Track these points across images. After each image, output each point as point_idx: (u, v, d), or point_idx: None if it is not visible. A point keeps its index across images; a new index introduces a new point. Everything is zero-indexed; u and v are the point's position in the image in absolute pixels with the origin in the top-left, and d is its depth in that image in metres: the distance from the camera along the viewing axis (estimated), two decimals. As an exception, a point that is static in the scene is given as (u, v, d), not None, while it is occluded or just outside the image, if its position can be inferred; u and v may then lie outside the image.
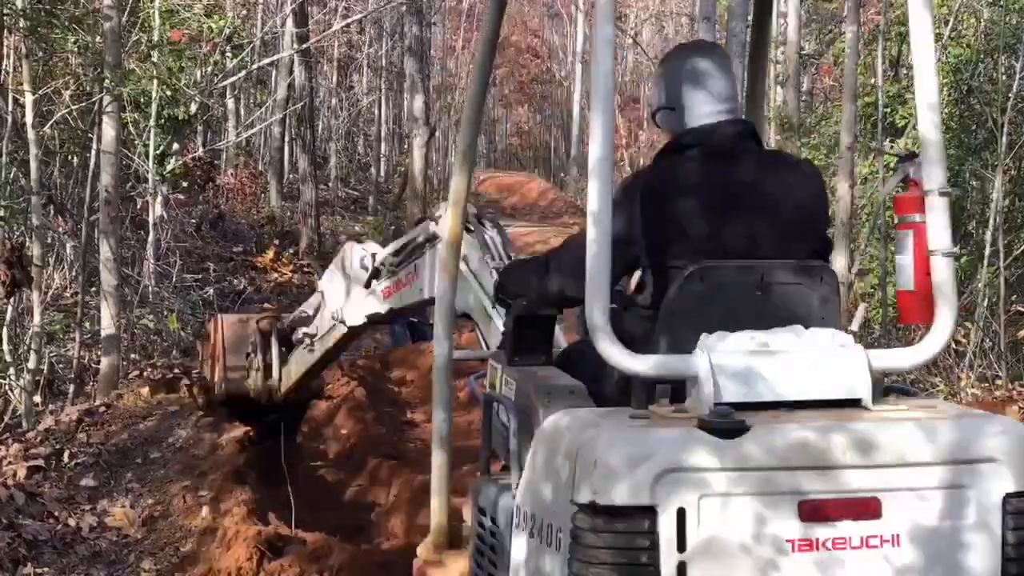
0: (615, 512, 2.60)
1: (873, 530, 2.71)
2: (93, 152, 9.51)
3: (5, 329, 8.55)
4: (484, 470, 3.53)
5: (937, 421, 2.84)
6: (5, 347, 8.54)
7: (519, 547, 2.98)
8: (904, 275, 3.13)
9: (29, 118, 8.48)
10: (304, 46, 17.89)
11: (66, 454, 6.78)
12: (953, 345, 10.74)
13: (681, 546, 2.61)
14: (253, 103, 23.39)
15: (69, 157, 11.23)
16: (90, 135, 10.02)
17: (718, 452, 2.63)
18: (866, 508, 2.70)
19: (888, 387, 3.07)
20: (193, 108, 13.64)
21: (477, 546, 3.43)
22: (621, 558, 2.62)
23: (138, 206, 13.13)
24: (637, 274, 3.29)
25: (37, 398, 8.30)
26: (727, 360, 2.82)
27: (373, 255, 5.55)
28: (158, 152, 12.51)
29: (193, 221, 16.41)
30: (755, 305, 3.04)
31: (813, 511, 2.67)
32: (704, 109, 3.23)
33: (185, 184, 13.81)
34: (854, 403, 2.89)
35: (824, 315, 3.08)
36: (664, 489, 2.60)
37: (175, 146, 13.58)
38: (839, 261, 10.31)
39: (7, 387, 8.34)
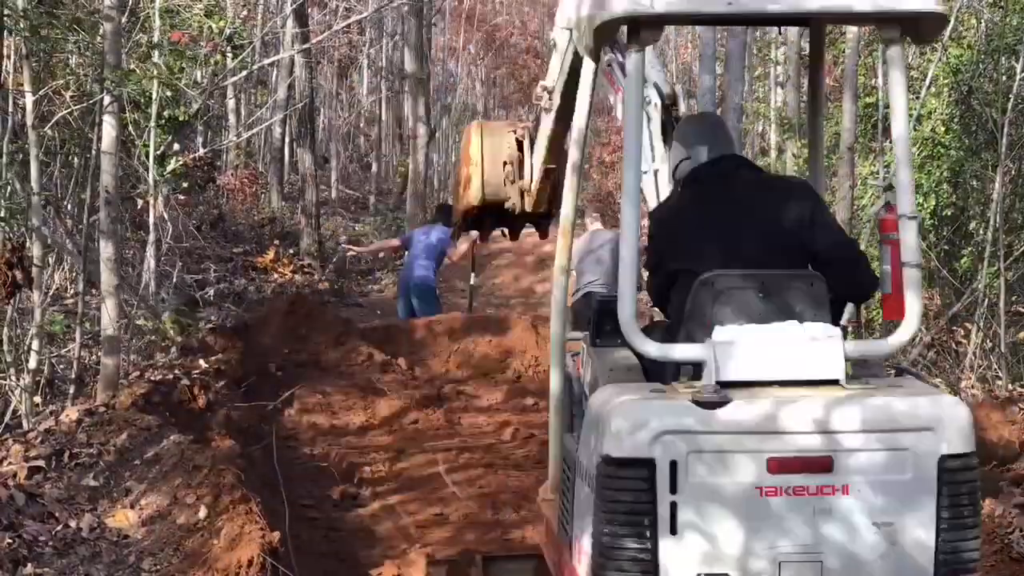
0: (623, 463, 3.40)
1: (826, 481, 3.43)
2: (93, 152, 9.50)
3: (5, 329, 8.54)
4: (568, 430, 4.41)
5: (888, 397, 3.56)
6: (5, 347, 8.53)
7: (578, 490, 3.79)
8: (885, 281, 3.96)
9: (29, 118, 8.48)
10: (305, 47, 17.88)
11: (66, 454, 6.77)
12: (953, 346, 10.75)
13: (673, 490, 3.40)
14: (253, 103, 23.40)
15: (69, 157, 11.22)
16: (90, 135, 10.01)
17: (703, 419, 3.42)
18: (820, 464, 3.43)
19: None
20: (194, 108, 13.62)
21: (563, 488, 4.26)
22: (628, 498, 3.40)
23: (138, 206, 13.11)
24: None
25: (37, 398, 8.29)
26: (729, 347, 3.53)
27: None
28: (158, 152, 12.49)
29: (193, 221, 16.42)
30: (758, 305, 3.71)
31: (778, 466, 3.42)
32: (709, 154, 4.06)
33: (185, 184, 13.79)
34: (832, 382, 3.57)
35: (816, 313, 3.72)
36: (660, 446, 3.39)
37: (175, 146, 13.54)
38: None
39: (7, 387, 8.33)
